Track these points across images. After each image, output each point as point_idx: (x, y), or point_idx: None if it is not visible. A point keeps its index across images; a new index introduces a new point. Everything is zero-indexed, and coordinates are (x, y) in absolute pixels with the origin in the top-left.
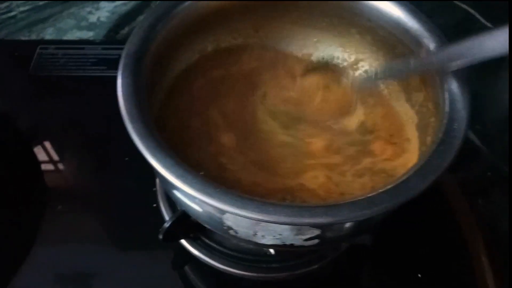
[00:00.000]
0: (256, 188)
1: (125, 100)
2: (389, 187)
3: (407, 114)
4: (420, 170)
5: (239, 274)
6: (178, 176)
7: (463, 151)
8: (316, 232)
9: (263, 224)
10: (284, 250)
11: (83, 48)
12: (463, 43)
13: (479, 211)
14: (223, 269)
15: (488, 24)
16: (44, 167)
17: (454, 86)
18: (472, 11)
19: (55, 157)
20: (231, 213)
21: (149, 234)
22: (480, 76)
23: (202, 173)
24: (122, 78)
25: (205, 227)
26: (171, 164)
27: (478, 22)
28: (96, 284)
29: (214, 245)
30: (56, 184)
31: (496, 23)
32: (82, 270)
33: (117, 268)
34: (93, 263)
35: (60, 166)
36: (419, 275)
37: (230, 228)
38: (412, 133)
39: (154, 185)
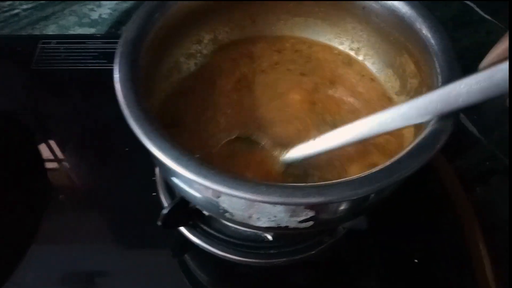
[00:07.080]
0: None
1: (122, 85)
2: (381, 167)
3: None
4: (413, 150)
5: (237, 260)
6: (173, 159)
7: (461, 141)
8: (310, 213)
9: (257, 205)
10: (279, 232)
11: (84, 43)
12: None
13: (477, 199)
14: (222, 255)
15: (487, 17)
16: (45, 159)
17: (446, 70)
18: (470, 3)
19: (56, 149)
20: (225, 193)
21: (149, 222)
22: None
23: (198, 155)
24: (119, 65)
25: (203, 214)
26: (166, 147)
27: (477, 15)
28: (96, 273)
29: (213, 232)
30: (57, 175)
31: (495, 15)
32: (83, 258)
33: (118, 257)
34: (94, 252)
35: (61, 157)
36: (416, 261)
37: (226, 211)
38: None
39: (153, 174)
